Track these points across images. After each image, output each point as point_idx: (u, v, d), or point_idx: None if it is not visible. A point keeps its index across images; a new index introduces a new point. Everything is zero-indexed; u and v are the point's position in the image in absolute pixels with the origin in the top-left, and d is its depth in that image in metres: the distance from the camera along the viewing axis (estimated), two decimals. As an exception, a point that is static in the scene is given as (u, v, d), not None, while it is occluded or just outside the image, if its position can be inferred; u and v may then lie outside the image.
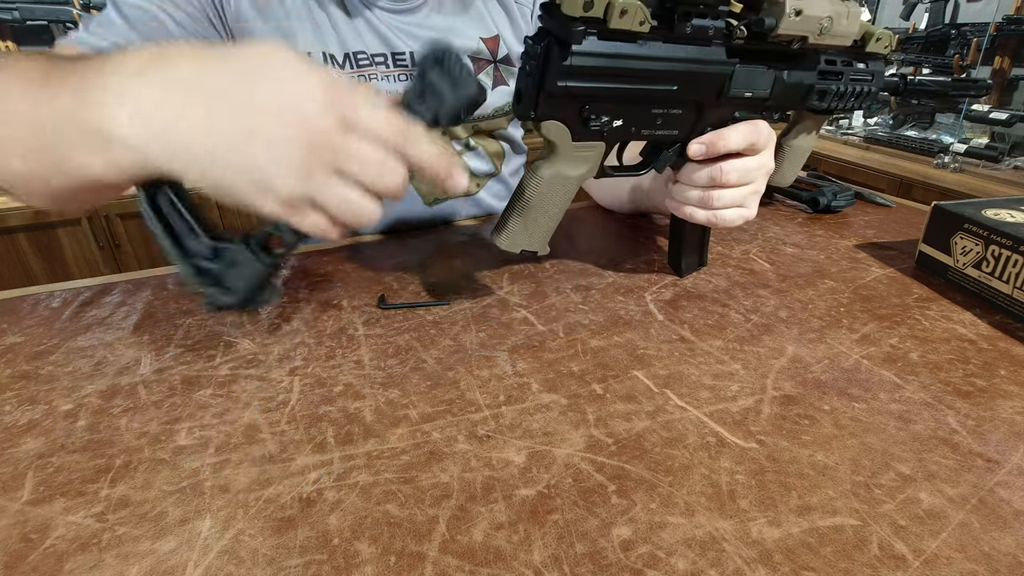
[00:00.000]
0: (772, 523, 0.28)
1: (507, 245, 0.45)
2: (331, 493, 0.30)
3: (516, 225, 0.44)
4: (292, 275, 0.55)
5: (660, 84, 0.40)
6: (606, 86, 0.38)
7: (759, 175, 0.47)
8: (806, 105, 0.48)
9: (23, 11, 1.58)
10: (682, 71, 0.40)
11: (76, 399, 0.38)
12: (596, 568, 0.26)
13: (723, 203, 0.47)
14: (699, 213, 0.48)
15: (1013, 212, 0.50)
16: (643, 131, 0.43)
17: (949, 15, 1.99)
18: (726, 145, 0.45)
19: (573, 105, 0.39)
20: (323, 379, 0.40)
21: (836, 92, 0.47)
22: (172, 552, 0.27)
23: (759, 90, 0.44)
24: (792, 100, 0.47)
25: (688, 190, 0.48)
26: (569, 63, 0.36)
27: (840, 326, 0.46)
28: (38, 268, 1.57)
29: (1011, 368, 0.40)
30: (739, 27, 0.40)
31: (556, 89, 0.37)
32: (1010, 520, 0.28)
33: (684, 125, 0.44)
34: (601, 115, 0.40)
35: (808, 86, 0.46)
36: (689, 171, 0.47)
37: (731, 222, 0.48)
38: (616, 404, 0.37)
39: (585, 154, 0.42)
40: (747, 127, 0.45)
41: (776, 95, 0.45)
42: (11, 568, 0.27)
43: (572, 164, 0.42)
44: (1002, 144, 1.77)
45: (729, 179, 0.45)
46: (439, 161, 0.34)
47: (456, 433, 0.35)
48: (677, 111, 0.43)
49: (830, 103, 0.48)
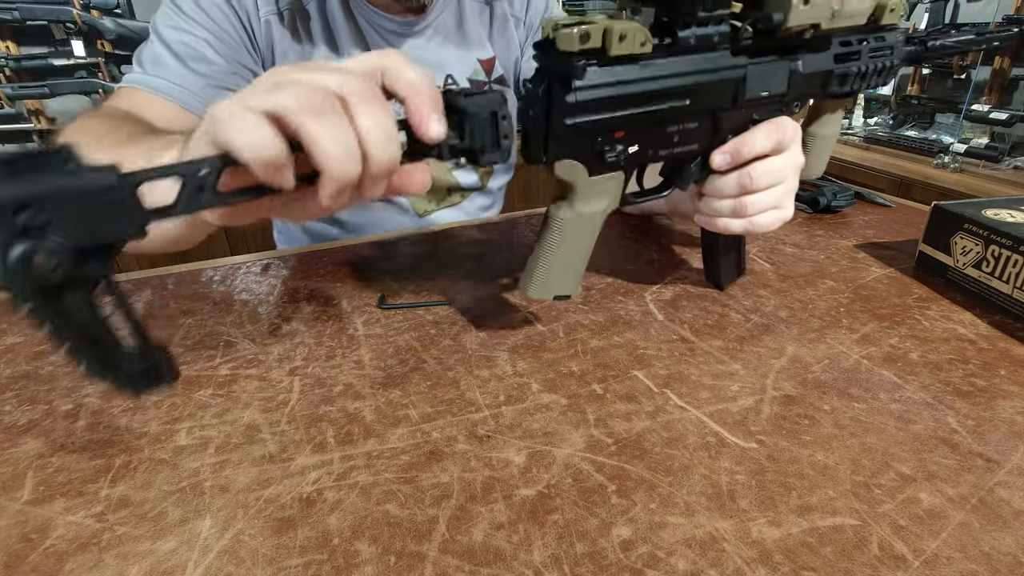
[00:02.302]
0: (772, 523, 0.28)
1: (538, 294, 0.42)
2: (331, 493, 0.30)
3: (545, 272, 0.42)
4: (292, 275, 0.55)
5: (672, 101, 0.38)
6: (616, 115, 0.36)
7: (790, 172, 0.45)
8: (827, 92, 0.45)
9: (23, 11, 1.58)
10: (693, 83, 0.38)
11: (76, 399, 0.38)
12: (596, 568, 0.26)
13: (757, 208, 0.44)
14: (734, 224, 0.45)
15: (1013, 212, 0.50)
16: (661, 152, 0.41)
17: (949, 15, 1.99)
18: (751, 150, 0.43)
19: (585, 141, 0.37)
20: (323, 379, 0.40)
21: (857, 73, 0.45)
22: (172, 552, 0.27)
23: (775, 88, 0.42)
24: (811, 90, 0.45)
25: (718, 202, 0.45)
26: (574, 100, 0.34)
27: (840, 326, 0.46)
28: (38, 268, 1.57)
29: (1011, 368, 0.40)
30: (744, 27, 0.38)
31: (564, 129, 0.35)
32: (1010, 520, 0.28)
33: (703, 138, 0.42)
34: (615, 145, 0.38)
35: (826, 73, 0.44)
36: (716, 183, 0.45)
37: (769, 227, 0.45)
38: (616, 404, 0.37)
39: (604, 187, 0.40)
40: (769, 126, 0.43)
41: (794, 89, 0.43)
42: (11, 568, 0.27)
43: (592, 201, 0.40)
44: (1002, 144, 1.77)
45: (760, 183, 0.43)
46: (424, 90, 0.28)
47: (456, 433, 0.35)
48: (693, 125, 0.41)
49: (852, 85, 0.46)
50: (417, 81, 0.27)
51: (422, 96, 0.27)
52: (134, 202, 0.23)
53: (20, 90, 1.64)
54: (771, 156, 0.44)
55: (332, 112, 0.25)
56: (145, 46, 0.59)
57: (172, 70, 0.57)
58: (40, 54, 1.68)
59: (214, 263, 0.58)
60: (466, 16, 0.71)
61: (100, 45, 1.70)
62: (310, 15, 0.64)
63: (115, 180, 0.22)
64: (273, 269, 0.57)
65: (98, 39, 1.69)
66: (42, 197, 0.21)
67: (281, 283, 0.54)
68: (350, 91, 0.26)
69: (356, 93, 0.26)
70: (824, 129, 0.52)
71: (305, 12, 0.64)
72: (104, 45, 1.70)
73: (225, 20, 0.60)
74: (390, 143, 0.26)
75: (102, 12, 1.67)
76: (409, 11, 0.67)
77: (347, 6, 0.65)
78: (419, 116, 0.27)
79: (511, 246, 0.62)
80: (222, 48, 0.59)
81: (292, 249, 0.62)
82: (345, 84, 0.26)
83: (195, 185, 0.24)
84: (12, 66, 1.63)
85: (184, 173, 0.24)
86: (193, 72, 0.57)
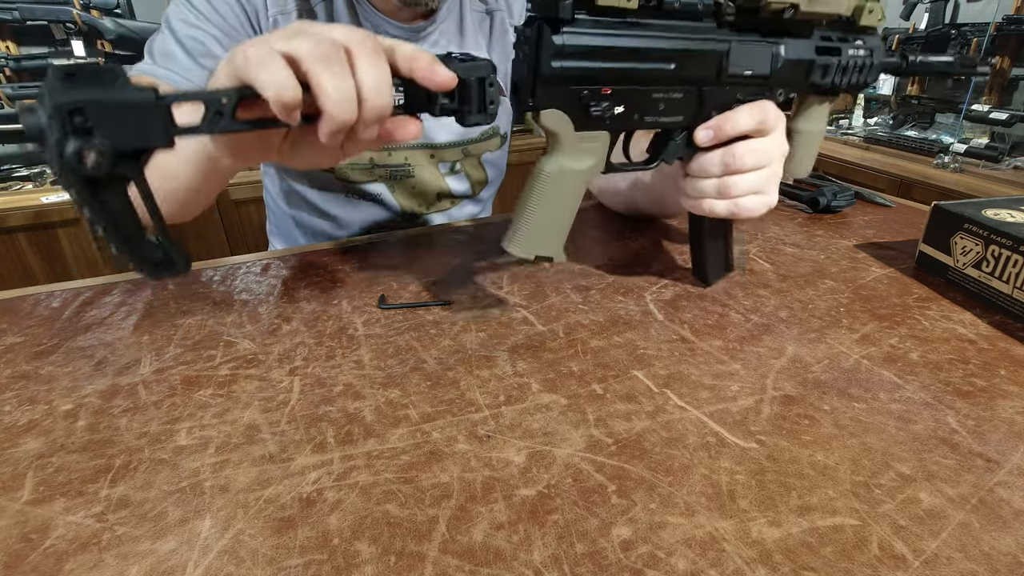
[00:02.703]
0: (772, 523, 0.28)
1: (520, 251, 0.43)
2: (331, 493, 0.30)
3: (527, 228, 0.42)
4: (292, 275, 0.55)
5: (656, 63, 0.40)
6: (601, 65, 0.38)
7: (775, 156, 0.45)
8: (810, 83, 0.47)
9: (23, 11, 1.58)
10: (677, 49, 0.40)
11: (76, 399, 0.38)
12: (596, 568, 0.26)
13: (742, 190, 0.44)
14: (718, 204, 0.45)
15: (1013, 212, 0.50)
16: (646, 118, 0.42)
17: (949, 15, 1.99)
18: (734, 127, 0.43)
19: (571, 91, 0.38)
20: (323, 379, 0.40)
21: (838, 67, 0.46)
22: (172, 552, 0.27)
23: (758, 68, 0.44)
24: (794, 79, 0.46)
25: (702, 182, 0.46)
26: (562, 42, 0.35)
27: (840, 326, 0.46)
28: (38, 268, 1.57)
29: (1011, 368, 0.40)
30: (727, 2, 0.40)
31: (551, 71, 0.36)
32: (1010, 520, 0.28)
33: (687, 110, 0.43)
34: (601, 100, 0.39)
35: (808, 62, 0.45)
36: (700, 161, 0.45)
37: (753, 211, 0.45)
38: (616, 404, 0.37)
39: (590, 145, 0.41)
40: (753, 106, 0.44)
41: (777, 73, 0.45)
42: (11, 568, 0.27)
43: (577, 157, 0.41)
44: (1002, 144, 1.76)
45: (745, 162, 0.43)
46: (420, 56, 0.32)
47: (456, 433, 0.35)
48: (678, 95, 0.42)
49: (834, 79, 0.47)
50: (412, 50, 0.32)
51: (422, 58, 0.31)
52: (166, 117, 0.27)
53: (20, 90, 1.64)
54: (755, 137, 0.44)
55: (337, 62, 0.29)
56: (156, 37, 0.60)
57: (181, 63, 0.58)
58: (40, 54, 1.68)
59: (214, 263, 0.58)
60: (467, 24, 0.72)
61: (100, 45, 1.70)
62: (317, 16, 0.64)
63: (152, 98, 0.26)
64: (273, 269, 0.57)
65: (98, 39, 1.69)
66: (94, 104, 0.25)
67: (281, 283, 0.54)
68: (355, 43, 0.30)
69: (359, 44, 0.30)
70: (808, 124, 0.52)
71: (313, 13, 0.64)
72: (104, 45, 1.70)
73: (234, 17, 0.61)
74: (384, 90, 0.30)
75: (102, 12, 1.67)
76: (417, 17, 0.67)
77: (353, 10, 0.65)
78: (428, 72, 0.31)
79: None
80: (229, 44, 0.60)
81: (292, 249, 0.62)
82: (351, 37, 0.30)
83: (216, 110, 0.28)
84: (12, 66, 1.63)
85: (208, 99, 0.28)
86: (201, 67, 0.58)
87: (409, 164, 0.75)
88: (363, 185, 0.75)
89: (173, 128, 0.28)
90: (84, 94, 0.25)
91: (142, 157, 0.28)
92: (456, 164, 0.78)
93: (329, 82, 0.29)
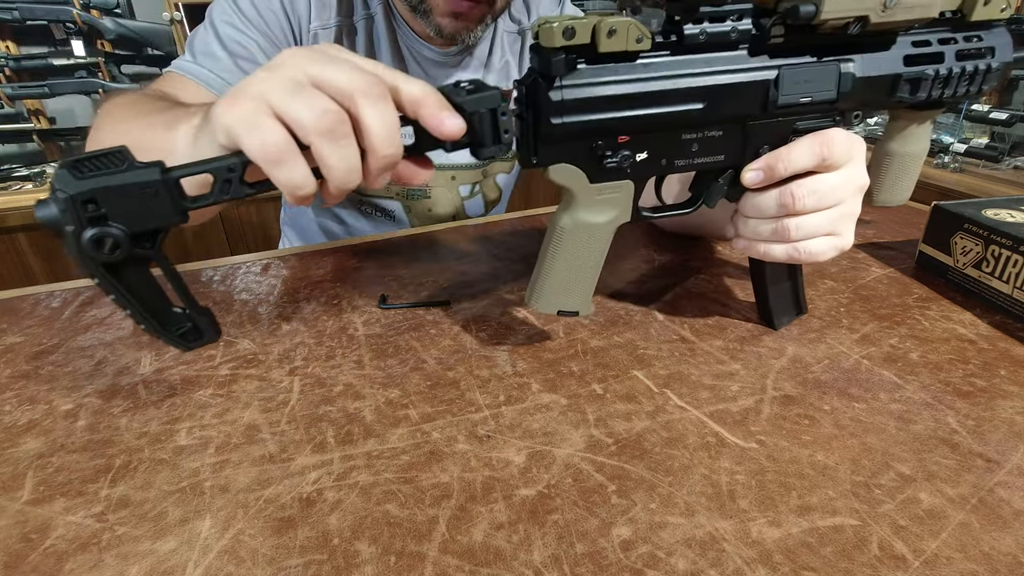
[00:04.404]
0: (772, 523, 0.28)
1: (542, 307, 0.40)
2: (331, 493, 0.30)
3: (548, 284, 0.39)
4: (292, 275, 0.55)
5: (679, 105, 0.35)
6: (613, 116, 0.34)
7: (846, 194, 0.38)
8: (896, 100, 0.38)
9: (23, 11, 1.58)
10: (703, 86, 0.34)
11: (76, 399, 0.38)
12: (596, 568, 0.26)
13: (804, 233, 0.38)
14: (776, 249, 0.39)
15: (1013, 212, 0.50)
16: (677, 162, 0.37)
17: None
18: (787, 166, 0.37)
19: (581, 143, 0.35)
20: (323, 379, 0.40)
21: (937, 77, 0.37)
22: (172, 552, 0.27)
23: (819, 93, 0.36)
24: (874, 97, 0.38)
25: (757, 224, 0.40)
26: (561, 97, 0.32)
27: (840, 326, 0.46)
28: (38, 268, 1.57)
29: (1011, 368, 0.40)
30: (772, 24, 0.34)
31: (552, 129, 0.33)
32: (1010, 520, 0.28)
33: (729, 149, 0.38)
34: (618, 150, 0.35)
35: (892, 77, 0.37)
36: (754, 200, 0.39)
37: (821, 255, 0.39)
38: (616, 404, 0.37)
39: (610, 196, 0.37)
40: (813, 139, 0.37)
41: (847, 95, 0.37)
42: (11, 568, 0.27)
43: (596, 210, 0.37)
44: (1002, 144, 1.76)
45: (805, 204, 0.37)
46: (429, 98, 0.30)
47: (456, 433, 0.35)
48: (716, 133, 0.37)
49: (931, 92, 0.38)
50: (419, 92, 0.29)
51: (429, 102, 0.29)
52: (176, 193, 0.28)
53: (20, 90, 1.64)
54: (819, 174, 0.38)
55: (343, 135, 0.28)
56: (198, 35, 0.60)
57: (222, 64, 0.58)
58: (40, 54, 1.68)
59: (214, 263, 0.58)
60: (496, 46, 0.72)
61: (100, 45, 1.70)
62: (357, 32, 0.65)
63: (159, 175, 0.27)
64: (273, 269, 0.57)
65: (98, 39, 1.69)
66: (104, 191, 0.26)
67: (281, 283, 0.54)
68: (360, 90, 0.28)
69: (365, 93, 0.28)
70: (904, 146, 0.43)
71: (353, 28, 0.65)
72: (104, 45, 1.70)
73: (278, 26, 0.61)
74: (393, 139, 0.29)
75: (102, 12, 1.67)
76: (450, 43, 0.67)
77: (393, 31, 0.66)
78: (435, 120, 0.29)
79: (512, 246, 0.62)
80: (272, 52, 0.60)
81: (292, 249, 0.62)
82: (355, 81, 0.28)
83: (224, 179, 0.28)
84: (12, 66, 1.63)
85: (214, 170, 0.28)
86: (241, 71, 0.58)
87: (427, 185, 0.75)
88: (378, 200, 0.75)
89: (184, 202, 0.28)
90: (94, 182, 0.26)
91: (159, 236, 0.28)
92: (476, 186, 0.79)
93: (332, 155, 0.28)
